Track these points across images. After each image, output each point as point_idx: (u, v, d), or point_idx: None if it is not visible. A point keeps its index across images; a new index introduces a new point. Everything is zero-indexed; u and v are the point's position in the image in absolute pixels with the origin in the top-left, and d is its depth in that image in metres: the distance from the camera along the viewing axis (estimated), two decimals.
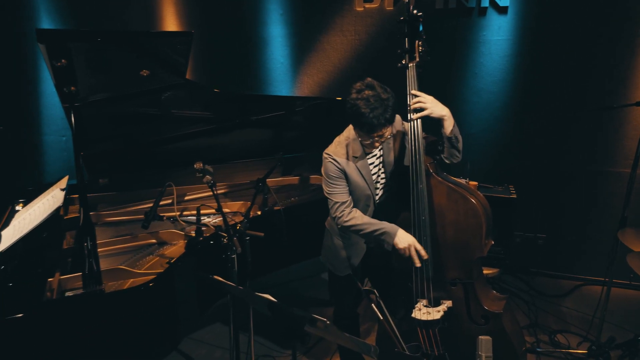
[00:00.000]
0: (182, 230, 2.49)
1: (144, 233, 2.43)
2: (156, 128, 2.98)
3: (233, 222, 2.46)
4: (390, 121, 1.96)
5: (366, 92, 1.92)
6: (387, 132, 1.99)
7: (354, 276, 2.30)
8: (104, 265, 2.08)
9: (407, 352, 2.13)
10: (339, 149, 2.15)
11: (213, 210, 2.55)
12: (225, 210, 2.78)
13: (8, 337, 1.59)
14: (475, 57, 3.48)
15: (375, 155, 2.18)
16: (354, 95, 1.94)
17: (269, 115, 3.10)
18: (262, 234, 2.15)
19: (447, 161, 2.13)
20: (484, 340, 1.90)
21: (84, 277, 1.77)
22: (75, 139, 2.08)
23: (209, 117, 3.05)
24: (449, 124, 2.03)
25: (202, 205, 2.40)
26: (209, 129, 3.09)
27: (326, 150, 2.18)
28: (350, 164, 2.13)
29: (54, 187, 2.38)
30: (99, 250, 2.19)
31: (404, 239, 2.04)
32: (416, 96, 2.05)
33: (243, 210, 2.82)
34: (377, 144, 2.03)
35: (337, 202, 2.14)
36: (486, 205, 2.08)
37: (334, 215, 2.17)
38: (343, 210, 2.13)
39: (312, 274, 3.77)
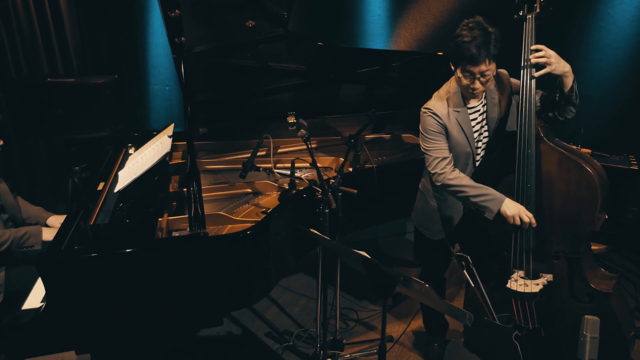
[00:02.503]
0: (275, 181, 2.56)
1: (241, 182, 2.53)
2: (253, 80, 3.03)
3: (326, 177, 2.48)
4: (494, 56, 1.86)
5: (471, 24, 1.87)
6: (490, 70, 1.87)
7: (447, 240, 2.23)
8: (205, 210, 2.21)
9: (497, 322, 2.07)
10: (438, 103, 2.05)
11: (307, 164, 2.60)
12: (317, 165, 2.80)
13: (117, 271, 1.75)
14: (602, 6, 3.06)
15: (478, 110, 2.05)
16: (458, 30, 1.88)
17: (364, 71, 3.01)
18: (356, 191, 2.15)
19: (560, 118, 1.97)
20: (591, 320, 1.77)
21: (190, 220, 1.89)
22: (184, 89, 2.18)
23: (304, 71, 3.03)
24: (569, 80, 1.87)
25: (296, 158, 2.44)
26: (303, 82, 3.08)
27: (425, 105, 2.08)
28: (450, 118, 2.03)
29: (161, 133, 2.53)
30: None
31: (512, 207, 1.92)
32: (538, 51, 1.86)
33: (334, 166, 2.82)
34: (478, 87, 1.90)
35: (436, 158, 2.04)
36: (603, 176, 1.89)
37: (433, 172, 2.06)
38: (444, 167, 2.03)
39: (396, 233, 3.75)
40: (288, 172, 2.46)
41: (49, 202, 3.62)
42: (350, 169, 2.67)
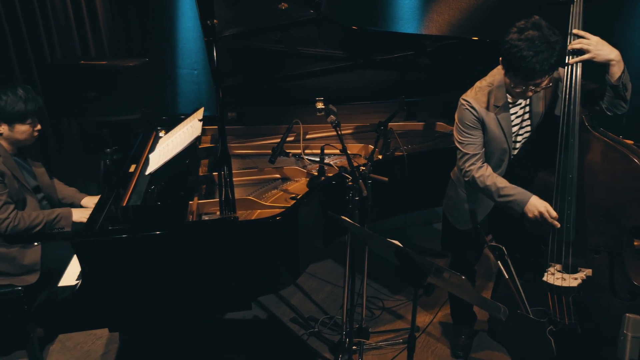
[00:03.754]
0: (304, 167, 2.54)
1: (269, 167, 2.52)
2: (281, 64, 2.99)
3: (355, 165, 2.44)
4: (555, 68, 1.73)
5: (530, 32, 1.69)
6: (546, 81, 1.76)
7: (481, 230, 2.17)
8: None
9: (531, 316, 2.01)
10: (479, 96, 1.96)
11: (336, 151, 2.57)
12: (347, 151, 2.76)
13: (149, 252, 1.76)
14: None
15: (519, 104, 1.96)
16: (514, 36, 1.71)
17: (396, 56, 2.94)
18: (387, 179, 2.10)
19: (608, 113, 1.85)
20: (633, 319, 1.70)
21: (220, 204, 1.89)
22: (215, 73, 2.16)
23: (333, 55, 2.98)
24: (616, 70, 1.74)
25: (326, 144, 2.41)
26: (332, 67, 3.03)
27: (464, 96, 2.00)
28: (490, 113, 1.95)
29: (191, 117, 2.53)
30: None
31: (535, 207, 1.85)
32: (578, 36, 1.77)
33: (363, 153, 2.78)
34: (529, 94, 1.81)
35: (467, 154, 1.99)
36: None
37: (461, 167, 2.03)
38: (473, 164, 1.98)
39: (424, 222, 3.69)
40: (317, 159, 2.43)
41: (81, 183, 3.70)
42: (380, 157, 2.62)
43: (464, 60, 2.94)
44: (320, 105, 2.88)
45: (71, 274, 1.93)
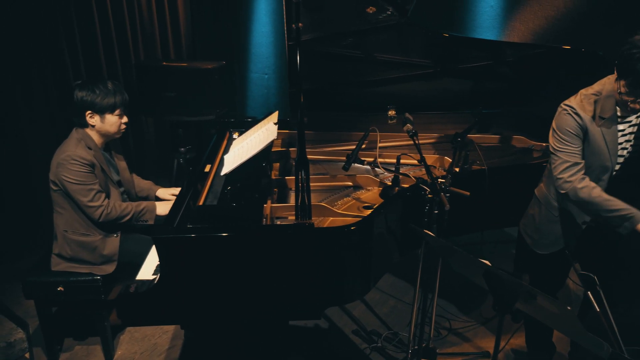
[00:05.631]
0: (376, 176, 2.47)
1: (341, 174, 2.47)
2: (354, 70, 2.96)
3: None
4: None
5: None
6: None
7: (569, 255, 2.00)
8: None
9: (626, 355, 1.82)
10: (585, 104, 1.79)
11: (410, 161, 2.48)
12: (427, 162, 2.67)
13: (225, 252, 1.76)
14: None
15: (630, 122, 1.79)
16: (637, 37, 1.59)
17: (478, 65, 2.81)
18: (468, 194, 1.99)
19: None
20: None
21: (296, 209, 1.86)
22: (298, 77, 2.15)
23: (410, 63, 2.89)
24: None
25: (402, 154, 2.33)
26: (407, 75, 2.95)
27: (567, 102, 1.83)
28: (595, 123, 1.78)
29: (265, 120, 2.55)
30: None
31: None
32: None
33: (437, 164, 2.67)
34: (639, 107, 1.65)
35: (567, 161, 1.81)
36: None
37: (559, 177, 1.83)
38: (575, 174, 1.79)
39: (494, 240, 3.50)
40: (392, 168, 2.36)
41: (153, 179, 3.84)
42: (457, 169, 2.51)
43: (552, 72, 2.77)
44: (392, 113, 2.83)
45: (148, 269, 1.98)
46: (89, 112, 2.19)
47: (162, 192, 2.61)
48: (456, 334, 2.68)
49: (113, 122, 2.25)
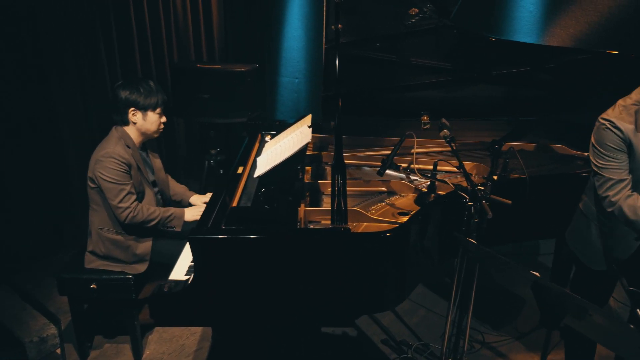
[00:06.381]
0: (410, 182, 2.42)
1: (375, 179, 2.43)
2: (388, 74, 2.91)
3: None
4: None
5: None
6: None
7: (618, 270, 1.90)
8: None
9: None
10: (624, 115, 1.71)
11: (446, 167, 2.42)
12: (453, 169, 2.60)
13: (259, 255, 1.73)
14: None
15: None
16: None
17: (517, 71, 2.72)
18: (510, 202, 1.92)
19: None
20: None
21: (332, 213, 1.82)
22: (336, 82, 2.12)
23: (447, 68, 2.83)
24: None
25: (439, 160, 2.27)
26: (443, 80, 2.88)
27: (604, 115, 1.76)
28: (638, 135, 1.70)
29: (298, 123, 2.53)
30: (330, 189, 2.26)
31: None
32: None
33: (474, 172, 2.60)
34: None
35: (610, 179, 1.74)
36: None
37: (603, 195, 1.77)
38: (620, 191, 1.72)
39: (526, 252, 3.39)
40: (428, 174, 2.30)
41: (183, 180, 3.87)
42: (495, 177, 2.43)
43: (595, 78, 2.66)
44: (425, 119, 2.77)
45: (180, 269, 1.97)
46: (132, 109, 2.22)
47: (195, 198, 2.59)
48: (490, 347, 2.59)
49: (154, 120, 2.27)
